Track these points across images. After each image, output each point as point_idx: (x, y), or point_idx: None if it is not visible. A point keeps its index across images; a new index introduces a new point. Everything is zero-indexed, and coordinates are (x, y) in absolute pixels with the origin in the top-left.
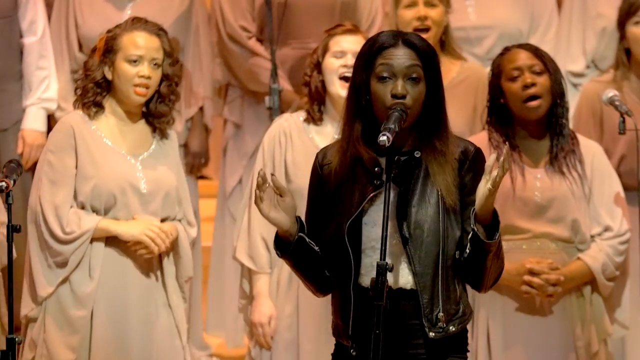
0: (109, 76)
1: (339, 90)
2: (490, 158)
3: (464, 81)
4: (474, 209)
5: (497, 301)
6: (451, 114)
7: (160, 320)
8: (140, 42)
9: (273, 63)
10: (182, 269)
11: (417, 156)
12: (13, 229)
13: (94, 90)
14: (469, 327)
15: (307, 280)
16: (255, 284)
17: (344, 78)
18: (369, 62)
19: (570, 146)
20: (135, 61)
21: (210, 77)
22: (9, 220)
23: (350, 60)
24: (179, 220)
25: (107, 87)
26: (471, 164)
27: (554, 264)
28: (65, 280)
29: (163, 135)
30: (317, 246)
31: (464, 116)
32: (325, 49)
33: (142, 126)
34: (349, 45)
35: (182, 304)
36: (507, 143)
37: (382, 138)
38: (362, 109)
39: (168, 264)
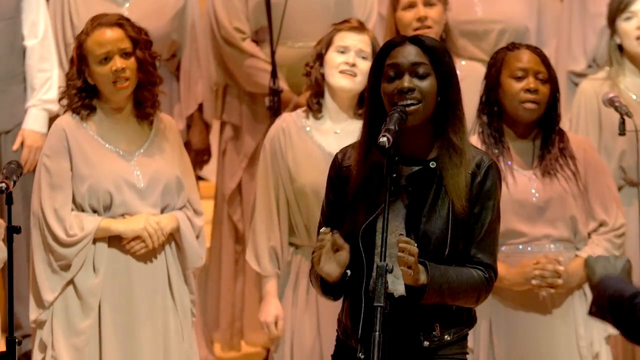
0: (91, 82)
1: (339, 81)
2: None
3: (465, 79)
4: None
5: (499, 304)
6: None
7: (168, 316)
8: (102, 39)
9: (273, 63)
10: (186, 260)
11: (433, 167)
12: (13, 230)
13: (79, 95)
14: (470, 333)
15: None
16: (263, 285)
17: (344, 72)
18: (379, 66)
19: (560, 143)
20: (105, 59)
21: (208, 74)
22: (9, 221)
23: (353, 57)
24: (180, 209)
25: (92, 90)
26: (483, 177)
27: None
28: (69, 283)
29: (151, 120)
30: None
31: (468, 115)
32: (330, 43)
33: (134, 121)
34: (353, 42)
35: (186, 297)
36: None
37: (382, 139)
38: (379, 115)
39: (170, 257)
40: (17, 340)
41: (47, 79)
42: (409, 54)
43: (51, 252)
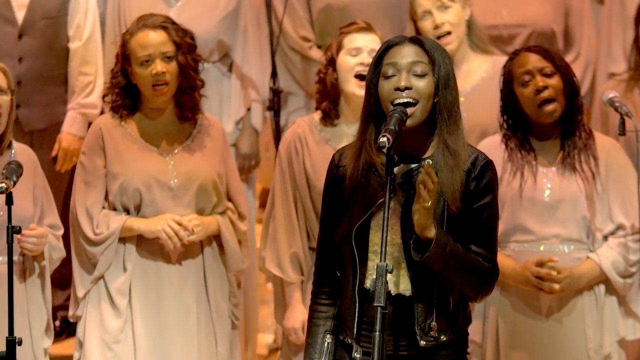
0: (133, 81)
1: (354, 89)
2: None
3: (496, 75)
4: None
5: (507, 302)
6: (487, 109)
7: (200, 318)
8: (145, 42)
9: (273, 64)
10: (228, 263)
11: (429, 164)
12: (13, 231)
13: (121, 94)
14: (478, 326)
15: None
16: (287, 292)
17: (359, 76)
18: (378, 63)
19: (584, 142)
20: (147, 61)
21: (259, 79)
22: (9, 221)
23: (367, 58)
24: (222, 213)
25: (134, 88)
26: (479, 174)
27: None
28: (98, 279)
29: (193, 121)
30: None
31: (495, 112)
32: (340, 47)
33: (175, 121)
34: (364, 42)
35: (223, 300)
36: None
37: (382, 139)
38: (375, 113)
39: (210, 259)
40: (17, 340)
41: (88, 83)
42: (408, 53)
43: (83, 250)
